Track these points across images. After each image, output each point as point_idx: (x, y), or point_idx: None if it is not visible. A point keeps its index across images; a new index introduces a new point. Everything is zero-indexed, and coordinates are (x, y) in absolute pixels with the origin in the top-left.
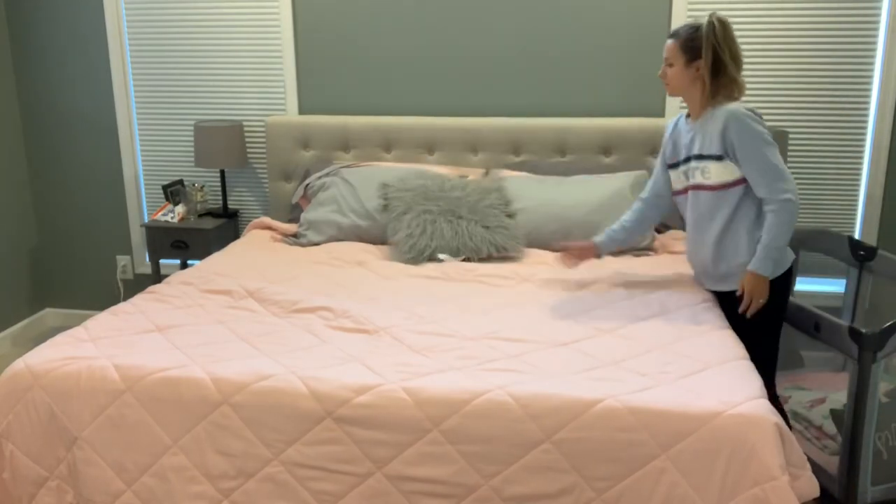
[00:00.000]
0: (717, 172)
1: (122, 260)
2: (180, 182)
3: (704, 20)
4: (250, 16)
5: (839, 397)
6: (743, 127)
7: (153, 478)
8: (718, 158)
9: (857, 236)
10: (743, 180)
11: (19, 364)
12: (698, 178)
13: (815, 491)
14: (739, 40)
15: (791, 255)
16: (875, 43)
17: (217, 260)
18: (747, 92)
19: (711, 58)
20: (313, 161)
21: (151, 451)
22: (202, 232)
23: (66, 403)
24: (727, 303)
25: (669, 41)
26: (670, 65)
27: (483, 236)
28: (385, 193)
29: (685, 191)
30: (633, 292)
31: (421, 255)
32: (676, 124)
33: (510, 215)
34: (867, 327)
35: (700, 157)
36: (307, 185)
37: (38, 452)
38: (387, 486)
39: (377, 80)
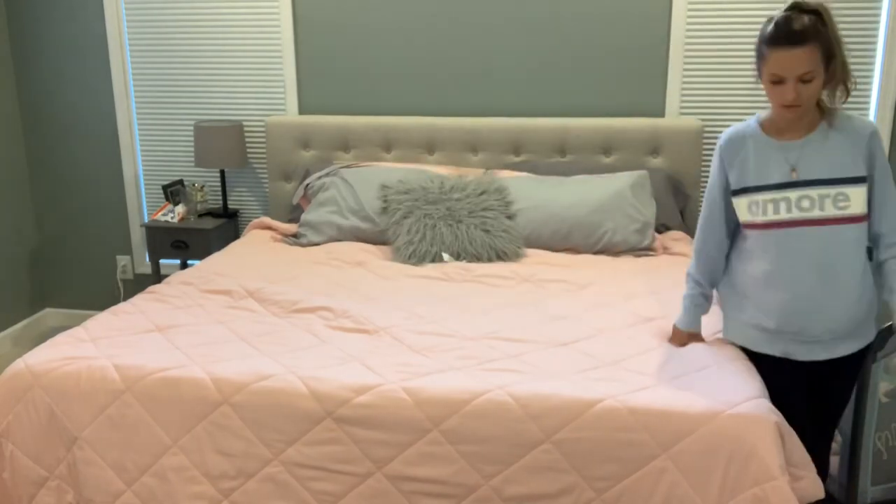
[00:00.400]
0: (858, 200)
1: (122, 260)
2: (180, 182)
3: (802, 9)
4: (250, 16)
5: None
6: (881, 144)
7: (153, 478)
8: (861, 181)
9: None
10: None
11: (19, 364)
12: (829, 210)
13: (819, 492)
14: (738, 41)
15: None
16: (875, 43)
17: (217, 260)
18: (748, 91)
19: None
20: (313, 161)
21: (151, 451)
22: (202, 232)
23: (66, 403)
24: (838, 369)
25: (800, 49)
26: (809, 80)
27: (483, 241)
28: (385, 196)
29: (777, 225)
30: (633, 292)
31: (422, 261)
32: (744, 142)
33: (510, 217)
34: None
35: (831, 181)
36: (307, 185)
37: (38, 452)
38: (387, 486)
39: (377, 80)
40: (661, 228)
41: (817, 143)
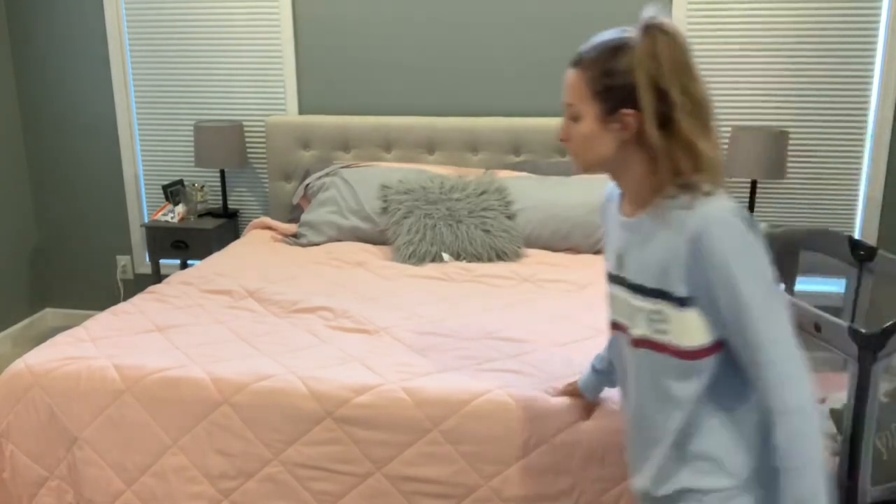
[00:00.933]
0: (681, 327)
1: (122, 260)
2: (180, 182)
3: (635, 31)
4: (250, 16)
5: (839, 397)
6: (733, 246)
7: (153, 478)
8: (682, 304)
9: (857, 236)
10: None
11: (19, 364)
12: (641, 328)
13: None
14: (739, 41)
15: None
16: (875, 43)
17: (217, 260)
18: (748, 91)
19: (654, 102)
20: (313, 161)
21: (151, 451)
22: (202, 232)
23: (66, 403)
24: None
25: (570, 72)
26: (574, 117)
27: (483, 241)
28: (385, 195)
29: (617, 328)
30: None
31: (421, 261)
32: (608, 206)
33: (510, 217)
34: (867, 327)
35: (641, 290)
36: (307, 185)
37: (38, 452)
38: (387, 487)
39: (377, 80)
40: None
41: (639, 232)
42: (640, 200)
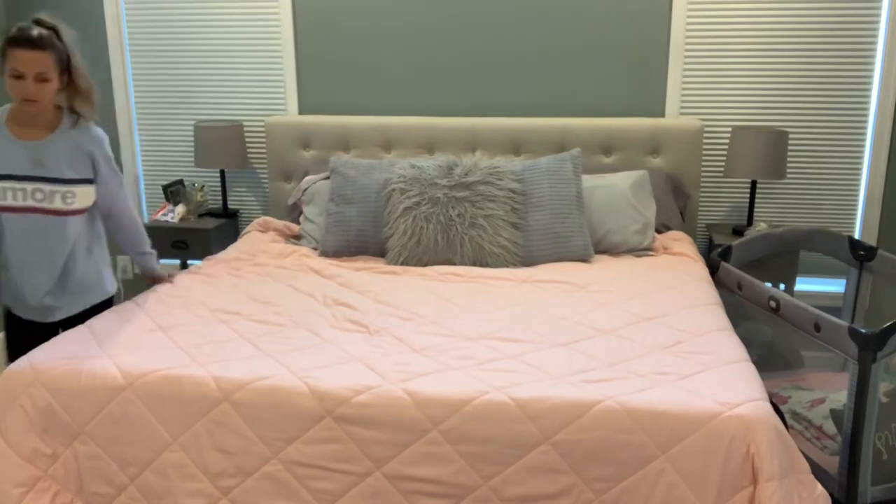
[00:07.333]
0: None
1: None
2: (180, 182)
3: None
4: (250, 16)
5: (839, 397)
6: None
7: (153, 474)
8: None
9: (857, 236)
10: None
11: (21, 362)
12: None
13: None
14: (739, 40)
15: None
16: (875, 43)
17: (218, 260)
18: (748, 91)
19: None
20: (313, 161)
21: (151, 448)
22: (202, 232)
23: (67, 401)
24: None
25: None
26: (45, 80)
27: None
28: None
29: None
30: (632, 293)
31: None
32: None
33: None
34: (867, 327)
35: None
36: (305, 189)
37: (34, 451)
38: (386, 486)
39: (377, 80)
40: (661, 228)
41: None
42: (49, 126)
